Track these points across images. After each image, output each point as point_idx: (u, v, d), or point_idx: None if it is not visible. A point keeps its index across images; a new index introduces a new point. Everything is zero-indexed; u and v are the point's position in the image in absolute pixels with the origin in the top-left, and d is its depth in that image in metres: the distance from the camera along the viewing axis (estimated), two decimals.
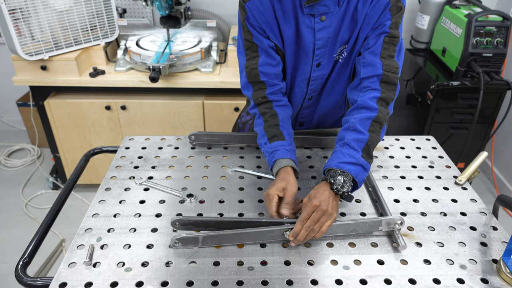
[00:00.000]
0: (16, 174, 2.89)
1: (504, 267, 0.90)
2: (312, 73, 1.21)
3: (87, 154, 1.37)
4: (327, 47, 1.15)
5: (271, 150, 1.13)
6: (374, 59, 1.11)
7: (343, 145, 1.06)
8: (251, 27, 1.14)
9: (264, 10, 1.11)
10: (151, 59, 2.22)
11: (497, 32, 2.17)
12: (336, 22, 1.11)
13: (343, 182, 0.99)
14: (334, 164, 1.02)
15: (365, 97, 1.10)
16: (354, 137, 1.05)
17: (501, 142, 2.73)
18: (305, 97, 1.28)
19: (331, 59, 1.19)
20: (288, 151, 1.13)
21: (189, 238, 0.96)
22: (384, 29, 1.11)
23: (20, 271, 0.94)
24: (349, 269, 0.93)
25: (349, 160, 1.02)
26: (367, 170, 1.04)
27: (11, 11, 2.01)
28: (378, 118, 1.08)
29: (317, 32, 1.12)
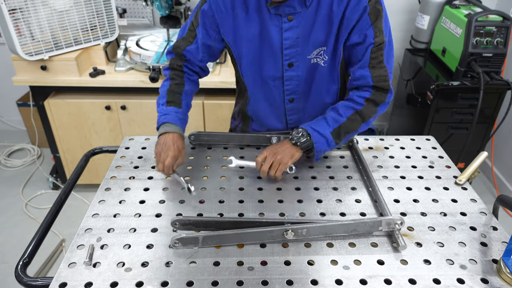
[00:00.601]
0: (16, 174, 2.89)
1: (504, 267, 0.90)
2: (284, 72, 1.21)
3: (87, 154, 1.37)
4: (298, 48, 1.16)
5: (165, 112, 1.20)
6: (363, 72, 1.16)
7: (321, 118, 1.18)
8: (201, 18, 1.19)
9: (223, 4, 1.14)
10: (151, 59, 2.22)
11: (497, 32, 2.17)
12: (305, 22, 1.12)
13: (300, 135, 1.14)
14: (305, 125, 1.16)
15: (355, 94, 1.19)
16: (333, 115, 1.17)
17: (501, 142, 2.73)
18: (284, 98, 1.29)
19: (305, 60, 1.19)
20: (179, 118, 1.20)
21: (189, 238, 0.96)
22: (369, 41, 1.13)
23: (20, 271, 0.94)
24: (349, 269, 0.93)
25: (316, 128, 1.14)
26: (330, 146, 1.16)
27: (11, 11, 2.01)
28: (361, 112, 1.17)
29: (284, 32, 1.13)
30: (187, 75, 1.29)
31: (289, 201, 1.13)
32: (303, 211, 1.10)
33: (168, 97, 1.23)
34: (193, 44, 1.24)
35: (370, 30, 1.11)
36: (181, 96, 1.24)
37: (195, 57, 1.27)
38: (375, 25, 1.11)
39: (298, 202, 1.13)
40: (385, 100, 1.19)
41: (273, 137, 1.33)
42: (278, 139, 1.33)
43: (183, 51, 1.26)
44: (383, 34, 1.13)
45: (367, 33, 1.12)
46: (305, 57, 1.18)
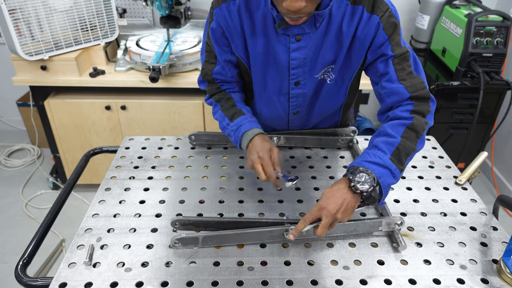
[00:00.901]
0: (16, 174, 2.89)
1: (504, 267, 0.90)
2: (290, 90, 1.18)
3: (87, 154, 1.37)
4: (306, 67, 1.12)
5: (235, 127, 1.14)
6: (394, 86, 1.05)
7: (371, 147, 1.00)
8: (213, 37, 1.15)
9: (231, 20, 1.09)
10: (151, 59, 2.22)
11: (497, 32, 2.17)
12: (313, 43, 1.07)
13: (363, 180, 0.90)
14: (357, 162, 0.95)
15: (397, 111, 1.04)
16: (384, 139, 0.98)
17: (501, 142, 2.73)
18: (289, 111, 1.26)
19: (312, 79, 1.15)
20: (251, 122, 1.14)
21: (189, 238, 0.96)
22: (389, 54, 1.05)
23: (20, 271, 0.94)
24: (349, 269, 0.93)
25: (374, 160, 0.94)
26: (396, 176, 0.95)
27: (11, 11, 2.01)
28: (413, 125, 1.00)
29: (291, 52, 1.09)
30: (228, 90, 1.25)
31: (289, 201, 1.13)
32: (303, 211, 1.10)
33: (227, 114, 1.18)
34: (217, 65, 1.20)
35: (387, 44, 1.05)
36: (237, 106, 1.19)
37: (225, 76, 1.22)
38: (391, 38, 1.04)
39: (298, 202, 1.13)
40: (430, 109, 1.05)
41: (274, 137, 1.33)
42: (278, 139, 1.32)
43: (212, 75, 1.22)
44: (404, 46, 1.07)
45: (384, 49, 1.05)
46: (312, 76, 1.15)
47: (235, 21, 1.09)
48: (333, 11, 1.03)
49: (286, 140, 1.35)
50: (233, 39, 1.13)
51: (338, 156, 1.34)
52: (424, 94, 1.05)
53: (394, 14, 1.05)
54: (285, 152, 1.35)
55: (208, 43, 1.18)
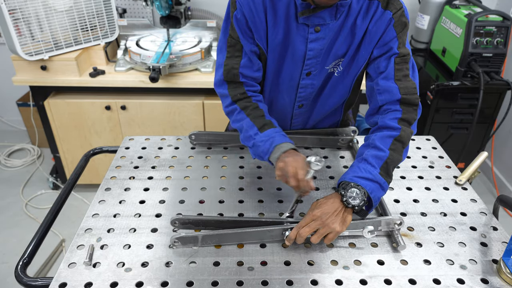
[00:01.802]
0: (16, 174, 2.89)
1: (504, 267, 0.90)
2: (301, 80, 1.18)
3: (87, 154, 1.37)
4: (319, 58, 1.13)
5: (266, 138, 1.06)
6: (388, 84, 1.07)
7: (361, 160, 1.02)
8: (238, 27, 1.11)
9: (255, 9, 1.07)
10: (151, 59, 2.22)
11: (497, 32, 2.17)
12: (331, 34, 1.08)
13: (355, 195, 0.95)
14: (348, 177, 0.98)
15: (386, 119, 1.07)
16: (373, 153, 1.01)
17: (501, 142, 2.73)
18: (295, 104, 1.26)
19: (322, 70, 1.16)
20: (284, 136, 1.08)
21: (188, 237, 0.96)
22: (393, 51, 1.07)
23: (20, 271, 0.94)
24: (349, 269, 0.93)
25: (365, 175, 0.97)
26: (385, 189, 0.99)
27: (11, 11, 2.01)
28: (400, 137, 1.03)
29: (309, 43, 1.09)
30: (254, 98, 1.16)
31: (289, 201, 1.13)
32: (303, 211, 1.10)
33: (257, 124, 1.10)
34: (243, 57, 1.13)
35: (395, 41, 1.07)
36: (266, 117, 1.12)
37: (251, 70, 1.15)
38: (399, 36, 1.07)
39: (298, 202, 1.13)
40: (416, 117, 1.09)
41: None
42: None
43: (239, 70, 1.13)
44: (407, 48, 1.09)
45: (391, 44, 1.07)
46: (323, 67, 1.15)
47: (259, 10, 1.07)
48: (353, 3, 1.05)
49: None
50: (257, 29, 1.10)
51: (338, 156, 1.34)
52: (413, 99, 1.07)
53: (406, 14, 1.07)
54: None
55: (233, 35, 1.12)
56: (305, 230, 0.93)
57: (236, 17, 1.09)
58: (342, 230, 0.94)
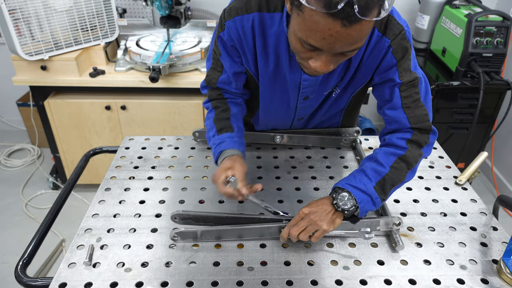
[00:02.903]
0: (16, 174, 2.89)
1: (504, 268, 0.90)
2: (298, 104, 1.17)
3: (87, 154, 1.37)
4: (316, 86, 1.10)
5: (218, 141, 1.09)
6: (396, 113, 1.02)
7: (359, 171, 1.00)
8: (222, 47, 1.09)
9: (244, 35, 1.03)
10: (151, 59, 2.22)
11: (497, 32, 2.17)
12: None
13: (346, 200, 0.95)
14: (342, 184, 0.98)
15: (393, 137, 1.03)
16: (373, 166, 0.99)
17: (501, 142, 2.73)
18: (294, 118, 1.27)
19: (320, 95, 1.15)
20: (235, 142, 1.09)
21: (188, 232, 0.97)
22: (395, 81, 1.00)
23: (20, 271, 0.94)
24: (349, 269, 0.93)
25: (358, 185, 0.96)
26: (376, 204, 0.97)
27: (11, 11, 2.01)
28: (405, 157, 0.99)
29: (304, 75, 1.05)
30: (230, 99, 1.18)
31: (289, 201, 1.13)
32: None
33: (217, 126, 1.12)
34: (223, 73, 1.14)
35: (395, 70, 0.99)
36: (230, 120, 1.13)
37: (230, 86, 1.16)
38: (400, 64, 0.98)
39: (298, 202, 1.13)
40: (429, 141, 1.02)
41: (277, 136, 1.33)
42: (282, 137, 1.33)
43: (217, 84, 1.16)
44: (413, 72, 1.00)
45: (391, 75, 1.00)
46: (321, 93, 1.14)
47: (248, 36, 1.03)
48: None
49: (289, 139, 1.35)
50: (244, 54, 1.08)
51: (338, 156, 1.34)
52: (425, 127, 1.01)
53: (407, 37, 0.97)
54: (285, 152, 1.35)
55: (216, 51, 1.12)
56: (294, 229, 0.94)
57: (222, 38, 1.07)
58: (329, 229, 0.94)
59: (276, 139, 1.34)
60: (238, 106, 1.19)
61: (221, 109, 1.16)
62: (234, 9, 1.01)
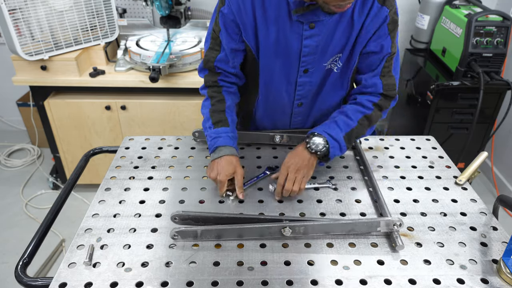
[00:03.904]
0: (16, 174, 2.89)
1: (504, 267, 0.90)
2: (298, 78, 1.19)
3: (87, 154, 1.37)
4: (316, 55, 1.13)
5: (214, 135, 1.16)
6: (375, 80, 1.17)
7: (332, 121, 1.16)
8: (222, 22, 1.13)
9: (244, 7, 1.08)
10: (151, 59, 2.22)
11: (497, 32, 2.17)
12: (326, 31, 1.09)
13: (317, 143, 1.10)
14: (318, 130, 1.13)
15: (363, 98, 1.19)
16: (344, 119, 1.16)
17: (501, 142, 2.73)
18: (294, 103, 1.27)
19: (320, 67, 1.17)
20: (230, 138, 1.16)
21: (188, 231, 0.97)
22: (386, 50, 1.13)
23: (20, 271, 0.94)
24: (349, 269, 0.93)
25: (331, 133, 1.12)
26: (342, 150, 1.14)
27: (11, 11, 2.01)
28: (370, 116, 1.18)
29: (304, 40, 1.10)
30: (225, 88, 1.23)
31: (289, 201, 1.13)
32: (303, 211, 1.10)
33: (213, 118, 1.18)
34: (221, 52, 1.18)
35: (388, 40, 1.12)
36: (225, 113, 1.19)
37: (227, 65, 1.20)
38: (392, 35, 1.11)
39: (298, 202, 1.13)
40: (389, 106, 1.21)
41: (276, 135, 1.33)
42: (281, 137, 1.33)
43: (214, 63, 1.19)
44: (395, 45, 1.14)
45: (384, 43, 1.12)
46: (321, 64, 1.16)
47: (248, 8, 1.08)
48: None
49: (289, 138, 1.35)
50: (245, 27, 1.11)
51: (338, 156, 1.34)
52: (391, 94, 1.19)
53: (397, 13, 1.11)
54: (285, 152, 1.35)
55: (215, 29, 1.16)
56: (288, 184, 1.08)
57: (223, 12, 1.11)
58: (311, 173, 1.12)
59: (276, 139, 1.34)
60: (232, 96, 1.24)
61: (216, 99, 1.21)
62: None
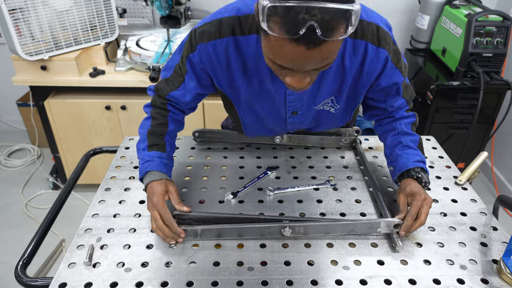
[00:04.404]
0: (16, 174, 2.89)
1: (504, 268, 0.90)
2: (288, 119, 1.17)
3: (87, 154, 1.37)
4: (303, 101, 1.10)
5: (148, 158, 1.06)
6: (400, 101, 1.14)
7: (403, 147, 1.11)
8: (190, 68, 1.06)
9: (217, 59, 1.01)
10: (151, 59, 2.22)
11: (497, 32, 2.17)
12: None
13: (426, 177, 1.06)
14: (411, 164, 1.07)
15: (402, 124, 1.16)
16: (410, 138, 1.13)
17: (501, 142, 2.73)
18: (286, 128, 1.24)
19: (310, 109, 1.14)
20: (164, 165, 1.06)
21: (188, 230, 0.97)
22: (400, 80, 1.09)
23: (20, 271, 0.94)
24: (349, 269, 0.93)
25: (418, 159, 1.08)
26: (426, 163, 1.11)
27: (11, 11, 2.01)
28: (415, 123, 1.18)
29: (288, 91, 1.05)
30: (171, 113, 1.14)
31: (289, 201, 1.13)
32: (303, 211, 1.10)
33: (150, 140, 1.08)
34: (179, 90, 1.10)
35: (397, 72, 1.07)
36: (164, 137, 1.10)
37: (180, 101, 1.13)
38: (399, 66, 1.06)
39: (298, 202, 1.13)
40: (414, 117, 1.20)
41: (277, 135, 1.33)
42: (281, 137, 1.33)
43: (166, 96, 1.12)
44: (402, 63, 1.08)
45: (395, 77, 1.07)
46: (310, 107, 1.13)
47: (221, 59, 1.01)
48: None
49: (289, 138, 1.35)
50: (216, 76, 1.06)
51: (338, 156, 1.34)
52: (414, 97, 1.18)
53: (394, 40, 1.03)
54: (285, 152, 1.35)
55: (181, 68, 1.08)
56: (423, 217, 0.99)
57: (192, 60, 1.04)
58: None
59: (276, 139, 1.34)
60: (177, 123, 1.17)
61: (158, 122, 1.11)
62: (207, 33, 0.99)
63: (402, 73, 1.08)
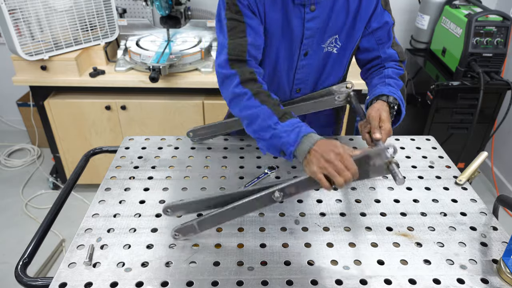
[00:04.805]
0: (16, 174, 2.89)
1: (504, 267, 0.90)
2: (299, 61, 1.21)
3: (87, 154, 1.37)
4: (315, 38, 1.16)
5: (290, 128, 0.97)
6: (390, 51, 1.24)
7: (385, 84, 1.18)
8: (242, 5, 1.07)
9: None
10: (151, 59, 2.22)
11: (497, 32, 2.17)
12: (325, 12, 1.12)
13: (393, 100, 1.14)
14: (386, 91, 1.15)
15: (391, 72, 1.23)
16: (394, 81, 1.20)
17: (501, 142, 2.73)
18: (293, 87, 1.27)
19: (319, 49, 1.19)
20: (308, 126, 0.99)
21: (186, 227, 0.97)
22: (390, 23, 1.20)
23: (20, 271, 0.94)
24: (349, 269, 0.93)
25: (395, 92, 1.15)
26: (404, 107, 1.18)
27: (11, 11, 2.01)
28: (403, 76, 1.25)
29: (306, 22, 1.12)
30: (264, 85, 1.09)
31: (289, 201, 1.13)
32: (303, 211, 1.10)
33: (277, 112, 1.00)
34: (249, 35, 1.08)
35: (386, 14, 1.19)
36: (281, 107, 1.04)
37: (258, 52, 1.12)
38: (387, 9, 1.19)
39: (298, 202, 1.13)
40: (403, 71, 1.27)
41: None
42: None
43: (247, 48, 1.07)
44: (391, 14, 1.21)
45: (385, 17, 1.19)
46: (319, 46, 1.19)
47: None
48: None
49: None
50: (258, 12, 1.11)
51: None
52: (404, 59, 1.28)
53: None
54: None
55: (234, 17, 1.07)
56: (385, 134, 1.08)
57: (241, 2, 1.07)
58: None
59: None
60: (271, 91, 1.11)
61: (265, 95, 1.04)
62: None
63: (391, 16, 1.20)
